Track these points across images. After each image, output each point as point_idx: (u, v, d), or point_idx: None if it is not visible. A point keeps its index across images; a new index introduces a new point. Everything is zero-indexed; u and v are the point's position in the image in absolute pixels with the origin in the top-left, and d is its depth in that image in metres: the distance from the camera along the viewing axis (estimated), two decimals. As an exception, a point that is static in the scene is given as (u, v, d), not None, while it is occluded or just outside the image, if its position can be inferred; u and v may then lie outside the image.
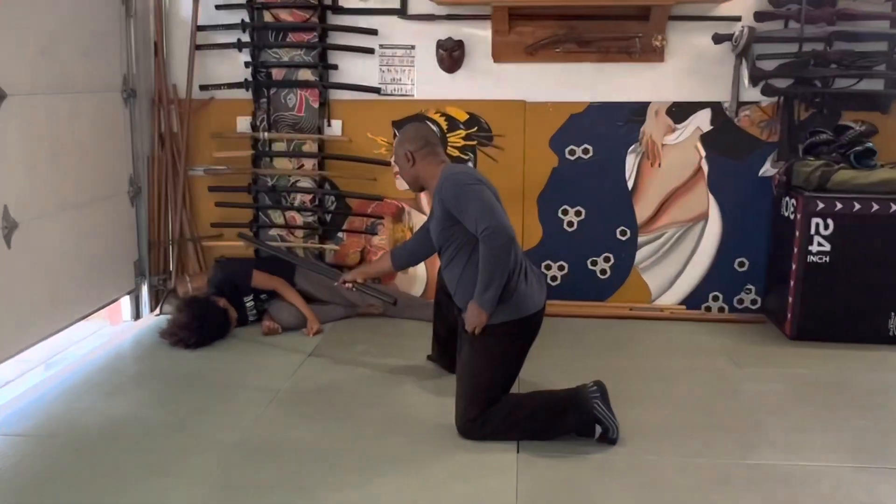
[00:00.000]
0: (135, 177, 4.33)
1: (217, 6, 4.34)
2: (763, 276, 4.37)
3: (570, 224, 4.43)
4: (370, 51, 4.31)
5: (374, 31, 4.28)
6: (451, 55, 4.24)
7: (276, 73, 4.41)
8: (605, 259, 4.45)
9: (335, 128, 4.43)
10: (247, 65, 4.37)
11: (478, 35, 4.25)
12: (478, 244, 2.86)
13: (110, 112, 4.11)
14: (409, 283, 4.56)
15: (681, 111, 4.26)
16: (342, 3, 4.30)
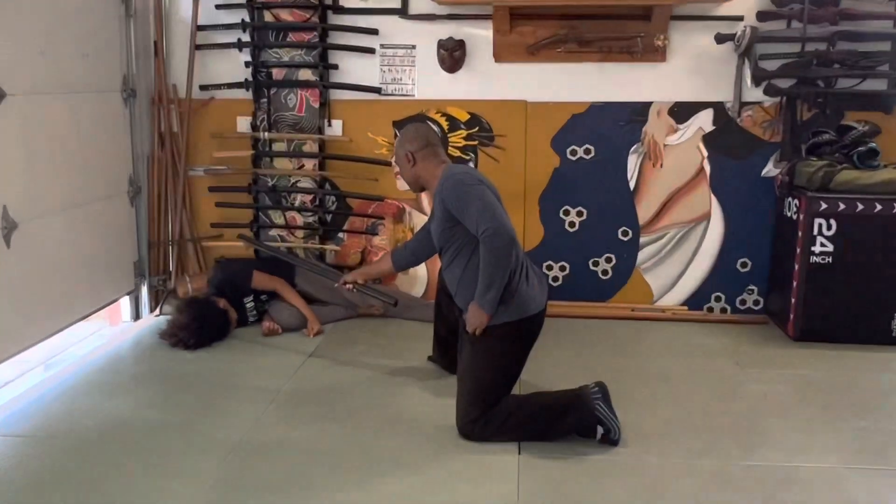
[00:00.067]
0: (134, 177, 4.33)
1: (217, 6, 4.34)
2: (765, 276, 4.37)
3: (571, 224, 4.42)
4: (371, 51, 4.32)
5: (374, 31, 4.29)
6: (451, 55, 4.24)
7: (276, 72, 4.41)
8: (606, 259, 4.45)
9: (336, 128, 4.44)
10: (247, 64, 4.37)
11: (479, 35, 4.25)
12: (479, 245, 2.87)
13: (110, 112, 4.11)
14: (410, 283, 4.56)
15: (683, 111, 4.26)
16: (343, 2, 4.30)
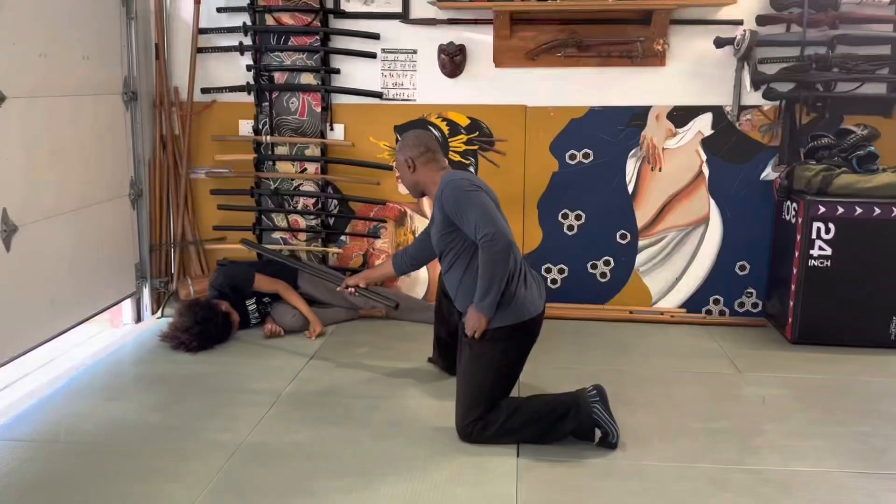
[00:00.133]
0: (136, 180, 4.35)
1: (219, 9, 4.37)
2: (764, 279, 4.39)
3: (570, 228, 4.44)
4: (372, 55, 4.34)
5: (376, 36, 4.31)
6: (452, 60, 4.26)
7: (278, 76, 4.43)
8: (605, 263, 4.47)
9: (338, 132, 4.46)
10: (249, 68, 4.39)
11: (479, 40, 4.27)
12: (477, 250, 2.89)
13: (111, 115, 4.12)
14: (411, 285, 4.59)
15: (682, 115, 4.28)
16: (344, 7, 4.32)
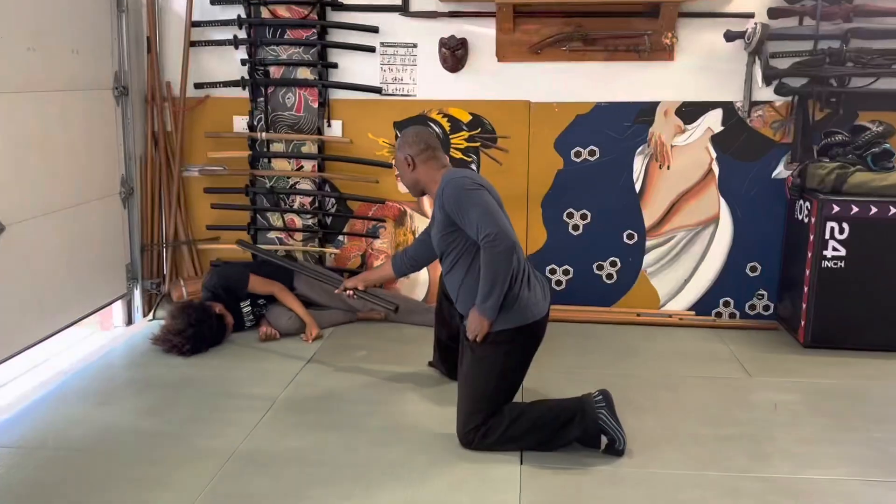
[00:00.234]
0: (127, 177, 4.34)
1: (212, 1, 4.35)
2: (776, 281, 4.37)
3: (575, 227, 4.43)
4: (371, 49, 4.32)
5: (374, 29, 4.29)
6: (454, 54, 4.24)
7: (273, 71, 4.42)
8: (611, 263, 4.45)
9: (335, 128, 4.44)
10: (243, 62, 4.38)
11: (481, 33, 4.26)
12: (479, 250, 2.87)
13: (101, 110, 4.11)
14: (411, 287, 4.57)
15: (691, 111, 4.26)
16: (342, -1, 4.32)
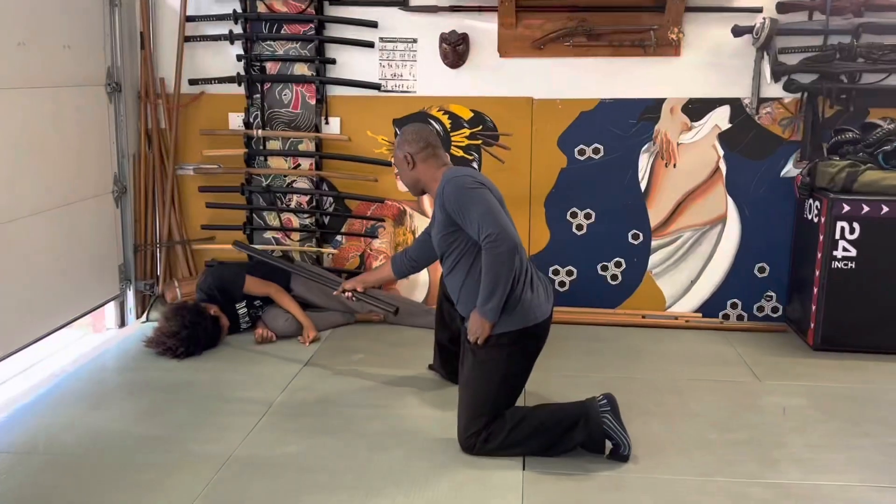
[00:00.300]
0: (120, 176, 4.33)
1: (207, -5, 4.35)
2: (785, 282, 4.36)
3: (579, 227, 4.41)
4: (370, 44, 4.31)
5: (373, 24, 4.28)
6: (454, 49, 4.23)
7: (270, 66, 4.41)
8: (616, 264, 4.44)
9: (333, 125, 4.43)
10: (239, 58, 4.37)
11: (483, 28, 4.24)
12: (481, 251, 2.86)
13: (94, 107, 4.10)
14: (411, 288, 4.56)
15: (698, 108, 4.25)
16: (340, -7, 4.31)
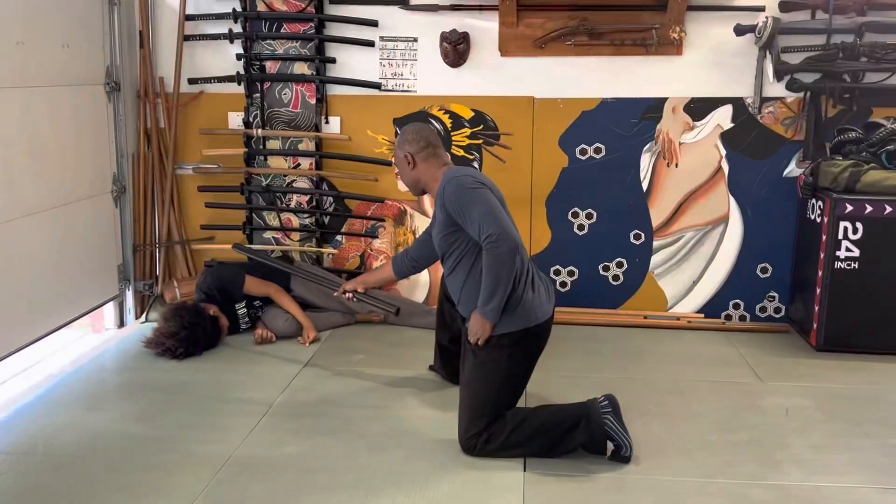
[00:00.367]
0: (119, 175, 4.33)
1: (206, -6, 4.35)
2: (787, 282, 4.36)
3: (580, 227, 4.41)
4: (370, 43, 4.31)
5: (374, 23, 4.28)
6: (455, 48, 4.23)
7: (270, 66, 4.41)
8: (617, 264, 4.44)
9: (333, 125, 4.43)
10: (239, 57, 4.37)
11: (484, 27, 4.24)
12: (481, 251, 2.86)
13: (93, 106, 4.10)
14: (411, 289, 4.56)
15: (700, 107, 4.25)
16: (340, -9, 4.31)
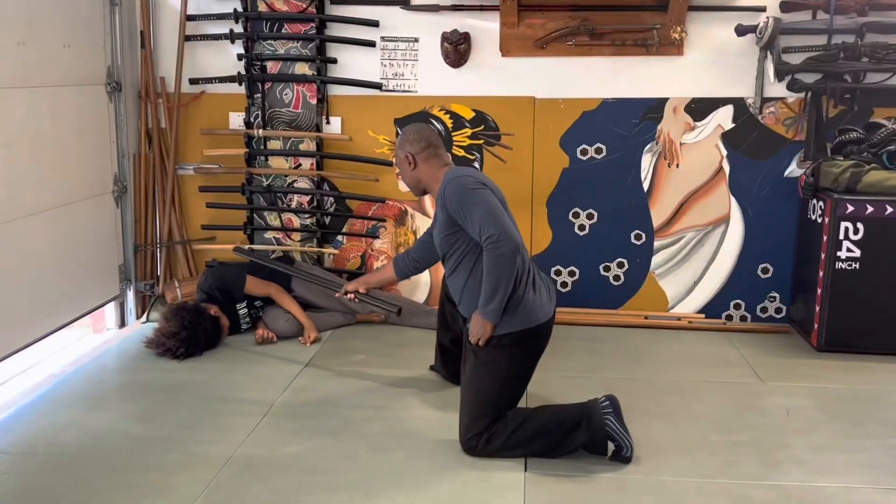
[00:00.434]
0: (120, 176, 4.33)
1: (207, -6, 4.36)
2: (788, 283, 4.36)
3: (581, 227, 4.42)
4: (371, 44, 4.31)
5: (375, 23, 4.28)
6: (456, 49, 4.24)
7: (271, 66, 4.41)
8: (618, 265, 4.44)
9: (334, 125, 4.44)
10: (240, 57, 4.37)
11: (485, 27, 4.25)
12: (483, 251, 2.86)
13: (94, 107, 4.10)
14: (413, 289, 4.56)
15: (701, 108, 4.25)
16: (341, -8, 4.31)
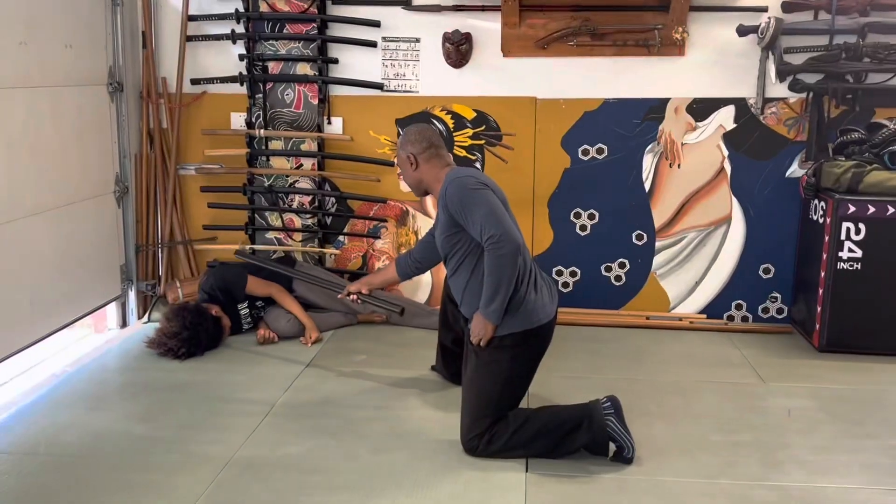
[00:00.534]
0: (121, 176, 4.34)
1: (209, -6, 4.36)
2: (790, 283, 4.35)
3: (583, 228, 4.42)
4: (372, 44, 4.31)
5: (376, 23, 4.28)
6: (457, 49, 4.24)
7: (272, 66, 4.41)
8: (620, 265, 4.44)
9: (335, 125, 4.44)
10: (241, 57, 4.38)
11: (486, 27, 4.25)
12: (484, 252, 2.86)
13: (95, 107, 4.11)
14: (414, 289, 4.56)
15: (702, 108, 4.25)
16: (342, -8, 4.31)
